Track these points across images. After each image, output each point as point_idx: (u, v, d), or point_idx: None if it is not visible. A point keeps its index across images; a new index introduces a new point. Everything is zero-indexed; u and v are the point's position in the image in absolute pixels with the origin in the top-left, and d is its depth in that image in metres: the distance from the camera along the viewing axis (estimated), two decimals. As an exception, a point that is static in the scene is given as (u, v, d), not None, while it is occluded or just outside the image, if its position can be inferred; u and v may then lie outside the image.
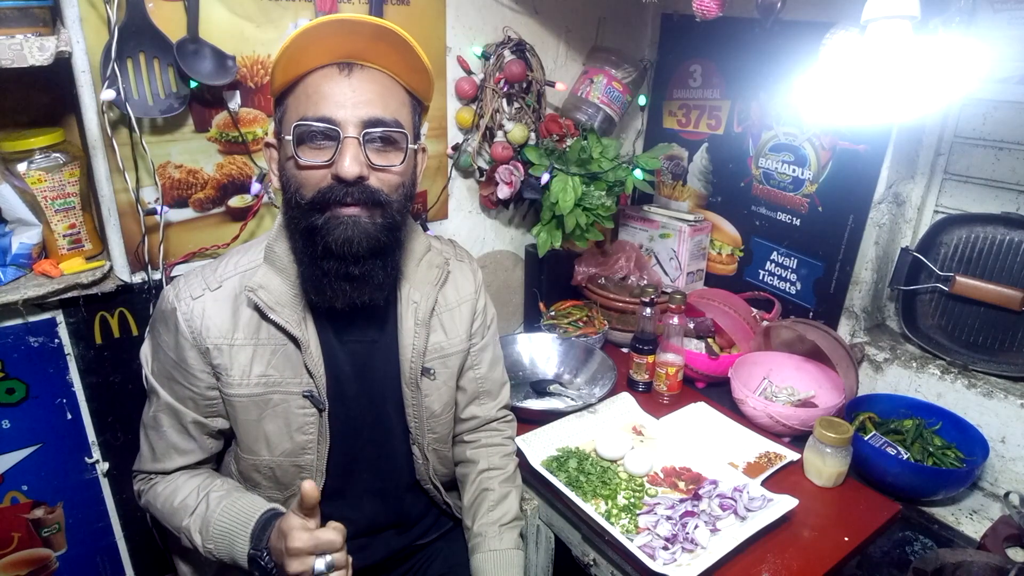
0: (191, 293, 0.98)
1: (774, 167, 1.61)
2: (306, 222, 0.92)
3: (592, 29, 1.72)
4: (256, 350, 0.99)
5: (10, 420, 1.19)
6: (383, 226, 0.94)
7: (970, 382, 1.31)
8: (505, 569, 1.09)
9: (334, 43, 0.89)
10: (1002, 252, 1.32)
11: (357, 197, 0.90)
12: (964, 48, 0.95)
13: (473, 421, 1.22)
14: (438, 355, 1.11)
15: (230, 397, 0.99)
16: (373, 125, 0.91)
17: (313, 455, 1.04)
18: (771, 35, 1.53)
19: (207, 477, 1.05)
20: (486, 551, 1.11)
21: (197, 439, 1.03)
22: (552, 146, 1.59)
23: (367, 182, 0.91)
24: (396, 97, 0.94)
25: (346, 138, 0.89)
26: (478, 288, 1.19)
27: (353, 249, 0.91)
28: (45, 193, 1.13)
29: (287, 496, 1.06)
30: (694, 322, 1.62)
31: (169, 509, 1.01)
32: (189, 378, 0.99)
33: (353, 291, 0.95)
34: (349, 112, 0.89)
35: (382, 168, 0.92)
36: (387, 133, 0.92)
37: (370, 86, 0.91)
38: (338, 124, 0.89)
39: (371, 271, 0.95)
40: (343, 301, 0.96)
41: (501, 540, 1.12)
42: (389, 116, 0.92)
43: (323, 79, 0.91)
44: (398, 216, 0.96)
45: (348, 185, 0.90)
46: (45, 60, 1.01)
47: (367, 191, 0.91)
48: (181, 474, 1.05)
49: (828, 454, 1.21)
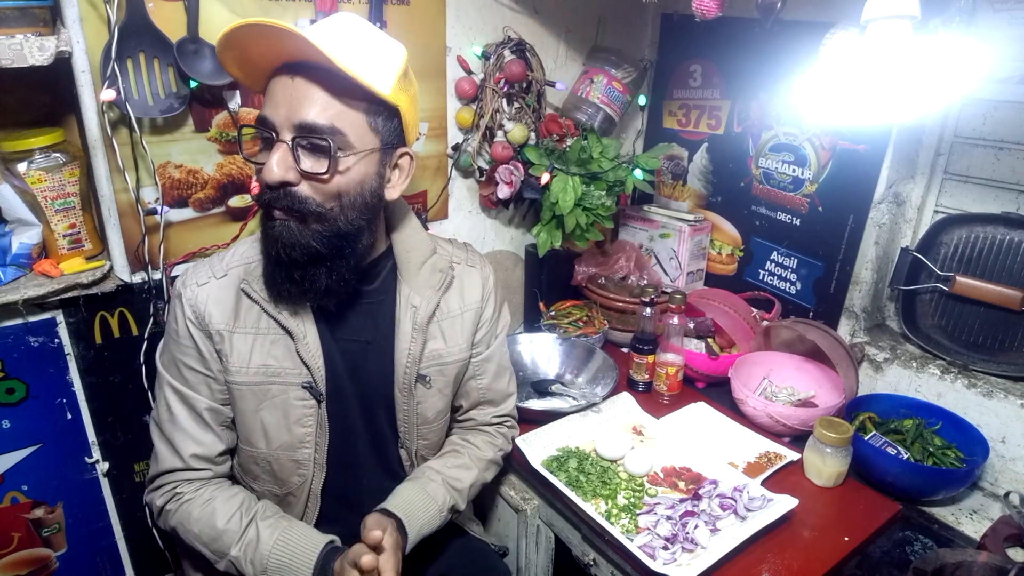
0: (197, 280, 1.00)
1: (774, 167, 1.61)
2: (261, 222, 0.95)
3: (592, 29, 1.72)
4: (256, 339, 0.99)
5: (10, 420, 1.19)
6: (320, 234, 0.91)
7: (970, 382, 1.31)
8: (424, 512, 1.04)
9: (271, 45, 0.86)
10: (1002, 252, 1.32)
11: (283, 203, 0.89)
12: (964, 48, 0.95)
13: (469, 422, 1.22)
14: (435, 363, 1.10)
15: (231, 384, 1.00)
16: (304, 130, 0.87)
17: (311, 448, 1.03)
18: (771, 35, 1.53)
19: (246, 498, 1.02)
20: (420, 489, 1.06)
21: (213, 428, 1.02)
22: (552, 146, 1.59)
23: (295, 188, 0.89)
24: (339, 102, 0.88)
25: (276, 141, 0.88)
26: (486, 296, 1.15)
27: (290, 254, 0.91)
28: (45, 193, 1.13)
29: (285, 492, 1.05)
30: (694, 322, 1.62)
31: (211, 533, 0.98)
32: (202, 361, 1.00)
33: (299, 294, 0.96)
34: (283, 115, 0.87)
35: (309, 175, 0.89)
36: (312, 140, 0.88)
37: (309, 91, 0.87)
38: (274, 127, 0.88)
39: (312, 276, 0.94)
40: (290, 302, 0.98)
41: (438, 492, 1.07)
42: (324, 122, 0.87)
43: (274, 82, 0.90)
44: (344, 225, 0.93)
45: (272, 190, 0.89)
46: (45, 60, 1.01)
47: (293, 198, 0.89)
48: (215, 492, 1.02)
49: (828, 454, 1.21)
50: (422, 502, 1.05)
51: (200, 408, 1.01)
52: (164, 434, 1.02)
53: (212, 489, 1.02)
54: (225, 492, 1.02)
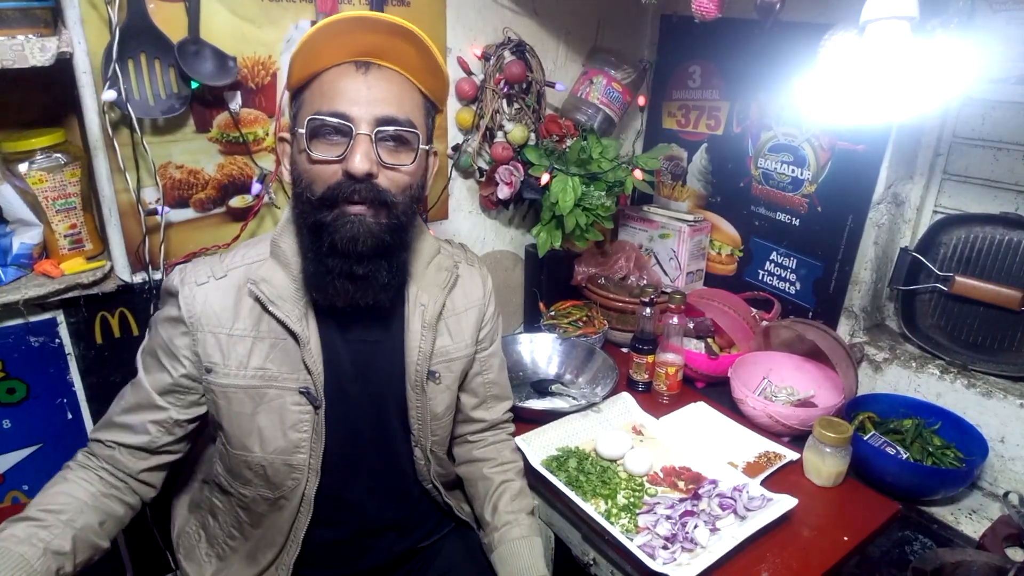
0: (196, 279, 0.99)
1: (773, 167, 1.61)
2: (314, 218, 0.93)
3: (592, 30, 1.72)
4: (255, 343, 0.99)
5: (10, 420, 1.19)
6: (388, 227, 0.94)
7: (969, 382, 1.31)
8: (537, 556, 1.11)
9: (352, 40, 0.90)
10: (1001, 252, 1.32)
11: (365, 195, 0.91)
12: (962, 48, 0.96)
13: (480, 424, 1.22)
14: (443, 359, 1.11)
15: (224, 388, 0.98)
16: (386, 123, 0.91)
17: (306, 454, 1.02)
18: (770, 36, 1.53)
19: (70, 500, 0.95)
20: (518, 538, 1.12)
21: (147, 426, 0.99)
22: (552, 146, 1.60)
23: (376, 180, 0.91)
24: (411, 98, 0.95)
25: (358, 134, 0.90)
26: (487, 294, 1.18)
27: (358, 248, 0.91)
28: (46, 193, 1.14)
29: (277, 496, 1.03)
30: (694, 322, 1.62)
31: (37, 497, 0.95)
32: (172, 362, 0.98)
33: (356, 291, 0.95)
34: (363, 109, 0.90)
35: (392, 167, 0.93)
36: (399, 132, 0.92)
37: (385, 85, 0.92)
38: (351, 120, 0.90)
39: (375, 271, 0.95)
40: (345, 300, 0.96)
41: (531, 528, 1.14)
42: (403, 115, 0.92)
43: (339, 75, 0.91)
44: (403, 217, 0.96)
45: (357, 182, 0.90)
46: (46, 61, 1.01)
47: (375, 190, 0.91)
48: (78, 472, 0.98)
49: (828, 454, 1.21)
50: (536, 550, 1.12)
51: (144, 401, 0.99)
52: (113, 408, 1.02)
53: (75, 474, 0.98)
54: (70, 484, 0.97)
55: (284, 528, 1.05)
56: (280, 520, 1.05)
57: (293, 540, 1.06)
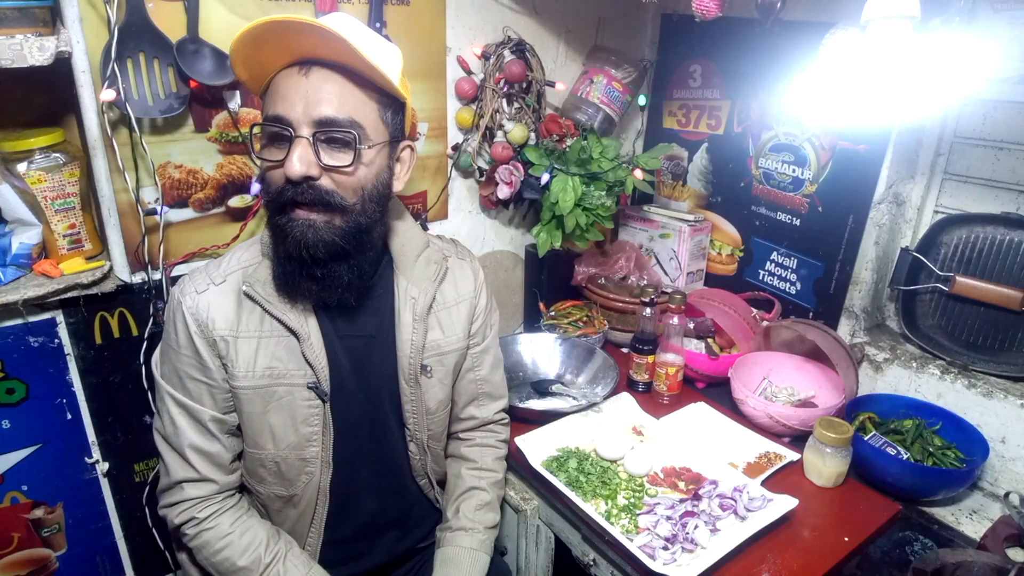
0: (195, 288, 0.99)
1: (774, 167, 1.61)
2: (272, 221, 0.95)
3: (592, 29, 1.72)
4: (260, 342, 0.99)
5: (10, 420, 1.19)
6: (343, 230, 0.93)
7: (970, 382, 1.31)
8: (476, 572, 1.11)
9: (289, 43, 0.88)
10: (1002, 252, 1.32)
11: (308, 198, 0.90)
12: (964, 48, 0.95)
13: (471, 421, 1.22)
14: (435, 352, 1.11)
15: (236, 390, 1.00)
16: (325, 125, 0.89)
17: (318, 447, 1.04)
18: (771, 35, 1.53)
19: (267, 536, 1.03)
20: (466, 547, 1.11)
21: (219, 438, 1.01)
22: (552, 146, 1.59)
23: (318, 182, 0.90)
24: (355, 96, 0.91)
25: (296, 137, 0.89)
26: (478, 288, 1.18)
27: (310, 252, 0.92)
28: (45, 193, 1.13)
29: (291, 493, 1.06)
30: (694, 322, 1.62)
31: (230, 568, 1.00)
32: (205, 371, 0.99)
33: (321, 290, 0.96)
34: (300, 111, 0.89)
35: (332, 168, 0.91)
36: (337, 133, 0.90)
37: (326, 85, 0.89)
38: (291, 124, 0.89)
39: (335, 273, 0.95)
40: (311, 300, 0.98)
41: (483, 544, 1.13)
42: (343, 116, 0.90)
43: (283, 79, 0.91)
44: (362, 219, 0.95)
45: (295, 185, 0.89)
46: (45, 60, 1.01)
47: (318, 192, 0.90)
48: (233, 524, 1.02)
49: (828, 454, 1.21)
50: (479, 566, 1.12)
51: (204, 419, 1.00)
52: (172, 446, 1.02)
53: (229, 520, 1.02)
54: (242, 525, 1.03)
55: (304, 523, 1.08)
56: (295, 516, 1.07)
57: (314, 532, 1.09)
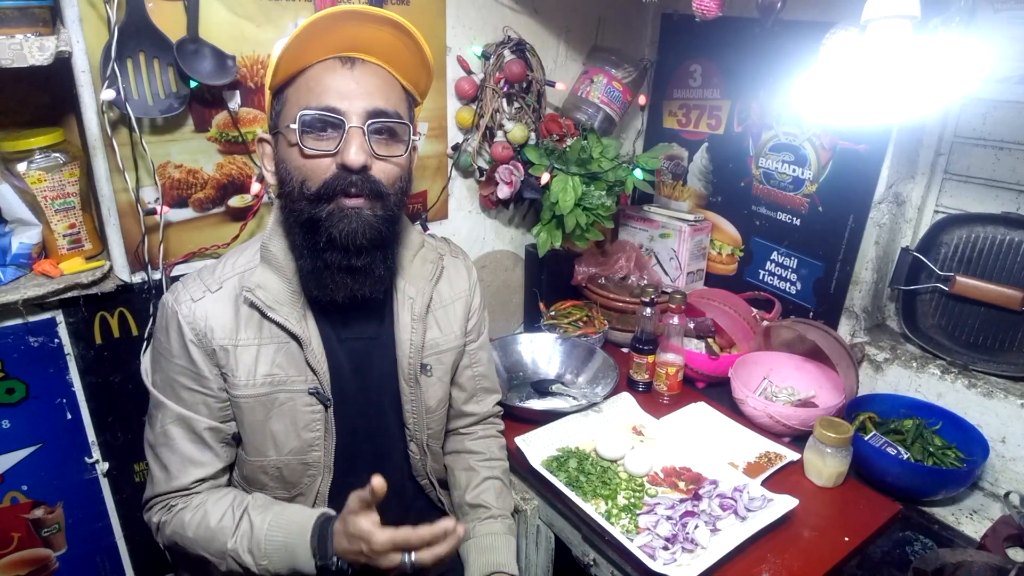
0: (191, 296, 0.98)
1: (774, 167, 1.61)
2: (309, 214, 0.93)
3: (592, 29, 1.72)
4: (260, 349, 0.99)
5: (10, 420, 1.19)
6: (383, 218, 0.95)
7: (970, 382, 1.31)
8: (512, 555, 1.12)
9: (338, 36, 0.91)
10: (1002, 252, 1.32)
11: (361, 187, 0.92)
12: (964, 48, 0.95)
13: (472, 417, 1.22)
14: (434, 351, 1.12)
15: (236, 399, 0.99)
16: (377, 116, 0.92)
17: (320, 451, 1.04)
18: (771, 35, 1.53)
19: (236, 495, 1.01)
20: (499, 533, 1.13)
21: (213, 447, 1.01)
22: (552, 146, 1.59)
23: (370, 172, 0.92)
24: (395, 91, 0.96)
25: (351, 127, 0.90)
26: (472, 285, 1.19)
27: (357, 241, 0.92)
28: (45, 193, 1.13)
29: (294, 495, 1.05)
30: (694, 322, 1.62)
31: (206, 535, 0.97)
32: (201, 380, 0.98)
33: (354, 283, 0.96)
34: (353, 103, 0.91)
35: (385, 158, 0.94)
36: (390, 124, 0.93)
37: (372, 79, 0.93)
38: (343, 114, 0.90)
39: (372, 263, 0.96)
40: (344, 294, 0.97)
41: (511, 528, 1.16)
42: (391, 108, 0.93)
43: (325, 71, 0.92)
44: (395, 209, 0.97)
45: (353, 174, 0.91)
46: (45, 60, 1.01)
47: (370, 181, 0.92)
48: (206, 496, 1.00)
49: (828, 454, 1.21)
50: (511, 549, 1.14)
51: (200, 429, 0.99)
52: (159, 457, 1.00)
53: (203, 495, 1.01)
54: (215, 494, 1.01)
55: None
56: None
57: None
